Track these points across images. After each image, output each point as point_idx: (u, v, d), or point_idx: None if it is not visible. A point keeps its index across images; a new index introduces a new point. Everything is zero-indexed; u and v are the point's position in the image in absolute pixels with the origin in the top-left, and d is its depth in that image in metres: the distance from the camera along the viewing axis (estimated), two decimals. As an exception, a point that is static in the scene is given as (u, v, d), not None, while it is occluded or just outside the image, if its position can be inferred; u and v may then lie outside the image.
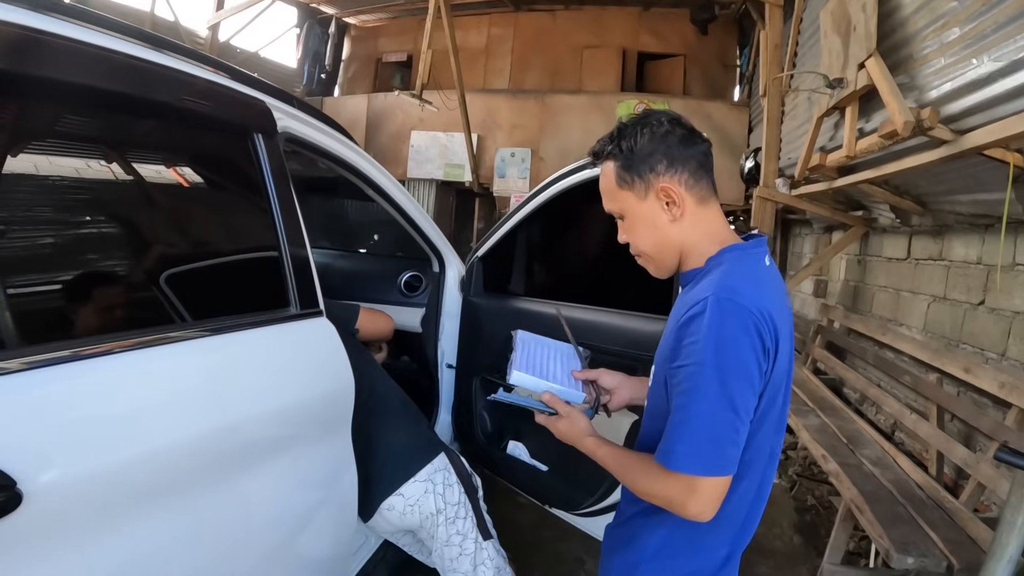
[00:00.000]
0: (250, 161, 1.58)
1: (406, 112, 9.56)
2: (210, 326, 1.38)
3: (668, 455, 1.06)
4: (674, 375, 1.09)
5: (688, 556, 1.21)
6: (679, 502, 1.08)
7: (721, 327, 1.03)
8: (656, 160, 1.16)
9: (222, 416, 1.33)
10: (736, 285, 1.08)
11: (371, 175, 2.28)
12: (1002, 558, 1.90)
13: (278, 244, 1.60)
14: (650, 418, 1.25)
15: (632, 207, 1.20)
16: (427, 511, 2.00)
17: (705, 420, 1.03)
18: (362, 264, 3.36)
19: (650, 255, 1.24)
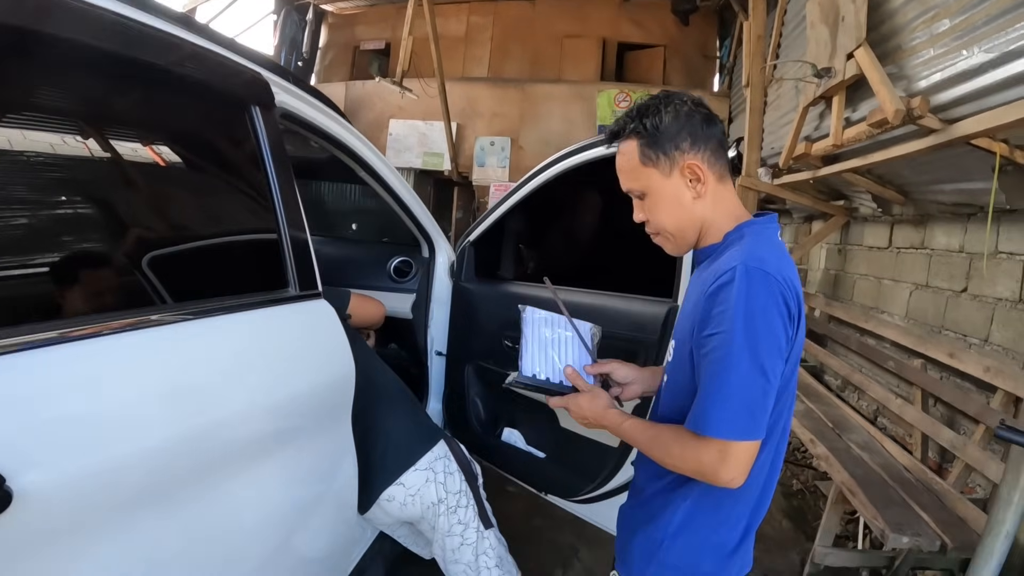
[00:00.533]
0: (247, 136, 1.53)
1: (384, 100, 9.47)
2: (206, 306, 1.31)
3: (702, 421, 1.09)
4: (704, 344, 1.11)
5: (711, 529, 1.24)
6: (712, 468, 1.09)
7: (751, 295, 1.06)
8: (682, 138, 1.19)
9: (222, 408, 1.28)
10: (763, 255, 1.11)
11: (366, 157, 2.25)
12: (999, 534, 1.95)
13: (277, 222, 1.56)
14: (670, 394, 1.29)
15: (656, 185, 1.22)
16: (428, 500, 1.97)
17: (738, 385, 1.06)
18: (349, 250, 3.30)
19: (671, 232, 1.26)
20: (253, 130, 1.53)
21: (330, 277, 2.46)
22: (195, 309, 1.28)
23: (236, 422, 1.32)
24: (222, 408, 1.28)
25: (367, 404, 1.92)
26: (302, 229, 1.63)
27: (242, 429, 1.34)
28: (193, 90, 1.40)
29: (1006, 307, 3.05)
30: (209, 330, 1.29)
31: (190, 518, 1.23)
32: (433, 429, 2.14)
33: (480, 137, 9.39)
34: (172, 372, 1.18)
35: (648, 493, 1.32)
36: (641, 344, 2.16)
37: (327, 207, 3.75)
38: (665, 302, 2.17)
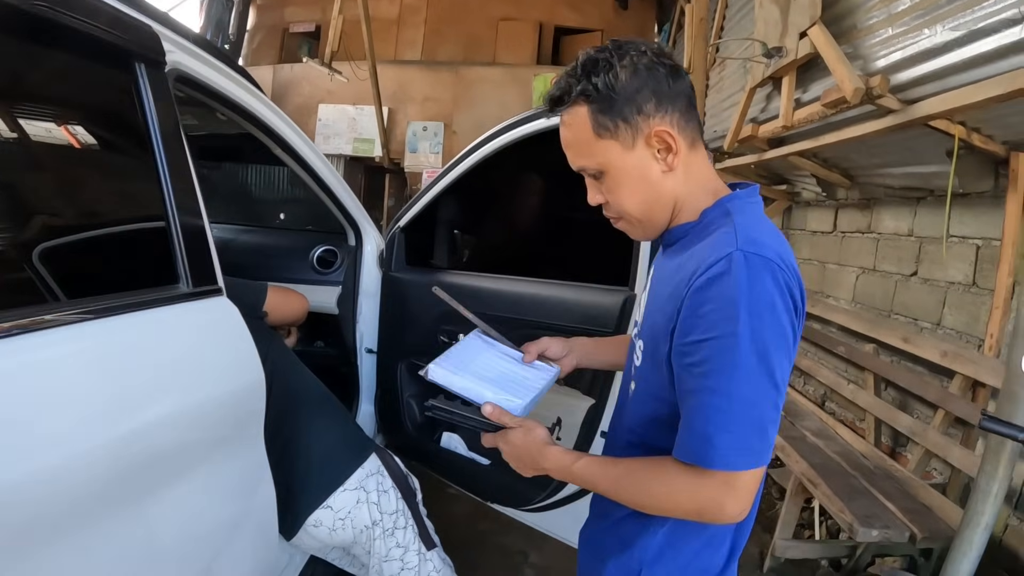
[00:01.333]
0: (128, 100, 1.25)
1: (313, 84, 9.09)
2: (65, 312, 1.04)
3: (704, 451, 0.87)
4: (692, 351, 0.89)
5: (693, 553, 1.05)
6: (715, 506, 0.90)
7: (753, 287, 0.85)
8: (644, 98, 0.95)
9: (86, 438, 1.01)
10: (758, 237, 0.90)
11: (282, 132, 1.99)
12: (978, 526, 1.90)
13: (164, 206, 1.28)
14: (640, 405, 1.08)
15: (615, 160, 0.98)
16: (361, 524, 1.74)
17: (746, 402, 0.86)
18: (267, 239, 3.02)
19: (637, 216, 1.03)
20: (136, 93, 1.25)
21: (248, 268, 2.18)
22: (49, 316, 1.00)
23: (104, 454, 1.04)
24: (86, 438, 1.01)
25: (284, 415, 1.68)
26: (197, 214, 1.35)
27: (115, 458, 1.07)
28: (56, 39, 1.12)
29: (959, 291, 3.03)
30: (70, 341, 1.02)
31: (74, 561, 1.00)
32: (363, 441, 1.90)
33: (412, 122, 9.12)
34: (21, 396, 0.92)
35: (618, 516, 1.11)
36: (583, 334, 1.99)
37: (251, 191, 3.46)
38: (620, 291, 1.98)
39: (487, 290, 2.28)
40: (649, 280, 1.15)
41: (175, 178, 1.30)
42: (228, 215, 3.27)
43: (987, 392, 2.66)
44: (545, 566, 2.78)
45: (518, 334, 2.15)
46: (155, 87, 1.28)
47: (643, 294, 1.17)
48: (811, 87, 3.34)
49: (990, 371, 2.57)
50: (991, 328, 2.66)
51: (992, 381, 2.56)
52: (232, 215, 3.38)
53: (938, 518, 2.40)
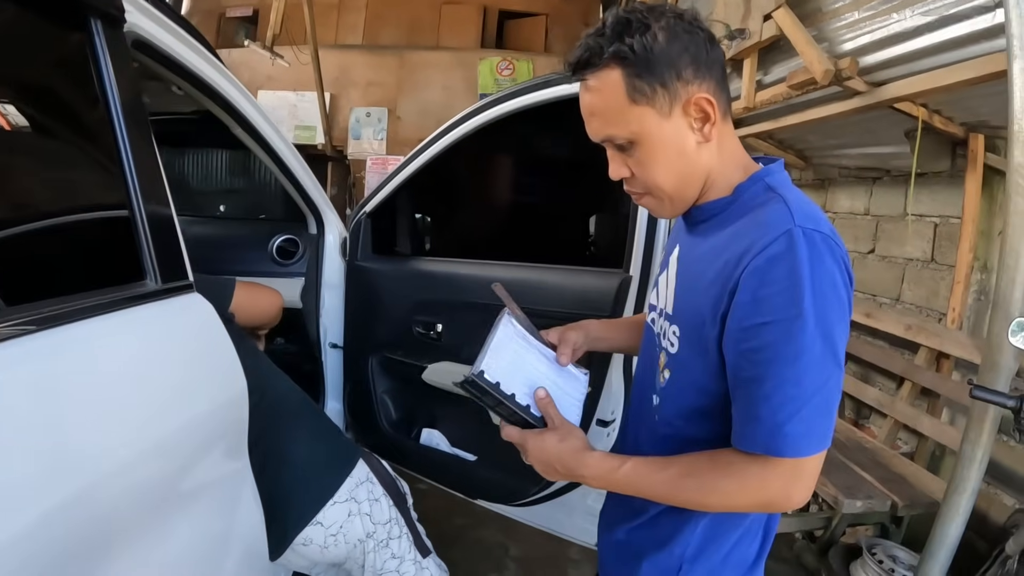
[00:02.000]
0: (84, 64, 1.05)
1: (252, 70, 8.73)
2: (12, 319, 0.82)
3: (776, 441, 0.83)
4: (753, 336, 0.84)
5: (732, 544, 1.01)
6: (783, 495, 0.86)
7: (815, 267, 0.81)
8: (684, 64, 0.88)
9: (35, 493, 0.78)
10: (814, 213, 0.87)
11: (245, 110, 1.85)
12: (965, 491, 1.96)
13: (128, 191, 1.10)
14: (677, 396, 1.01)
15: (651, 128, 0.91)
16: (354, 538, 1.61)
17: (815, 386, 0.82)
18: (221, 229, 2.86)
19: (668, 192, 0.96)
20: (93, 56, 1.05)
21: (203, 262, 2.03)
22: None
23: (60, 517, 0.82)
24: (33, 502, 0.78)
25: (264, 426, 1.49)
26: (164, 200, 1.18)
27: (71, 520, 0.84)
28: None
29: (917, 267, 3.16)
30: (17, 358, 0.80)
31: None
32: (349, 448, 1.75)
33: (355, 108, 8.87)
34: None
35: (652, 513, 1.05)
36: (563, 319, 1.93)
37: (203, 178, 3.30)
38: (615, 273, 1.91)
39: (464, 276, 2.20)
40: (672, 260, 1.07)
41: (139, 158, 1.12)
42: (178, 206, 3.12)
43: (951, 363, 2.78)
44: (527, 558, 2.76)
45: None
46: (114, 50, 1.09)
47: (661, 275, 1.10)
48: (772, 69, 3.39)
49: (954, 343, 2.69)
50: (953, 302, 2.78)
51: (957, 352, 2.68)
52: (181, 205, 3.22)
53: (912, 486, 2.50)
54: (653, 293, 1.14)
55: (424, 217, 3.05)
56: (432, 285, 2.24)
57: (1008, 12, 1.78)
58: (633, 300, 1.83)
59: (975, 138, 2.69)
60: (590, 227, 2.94)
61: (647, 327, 1.15)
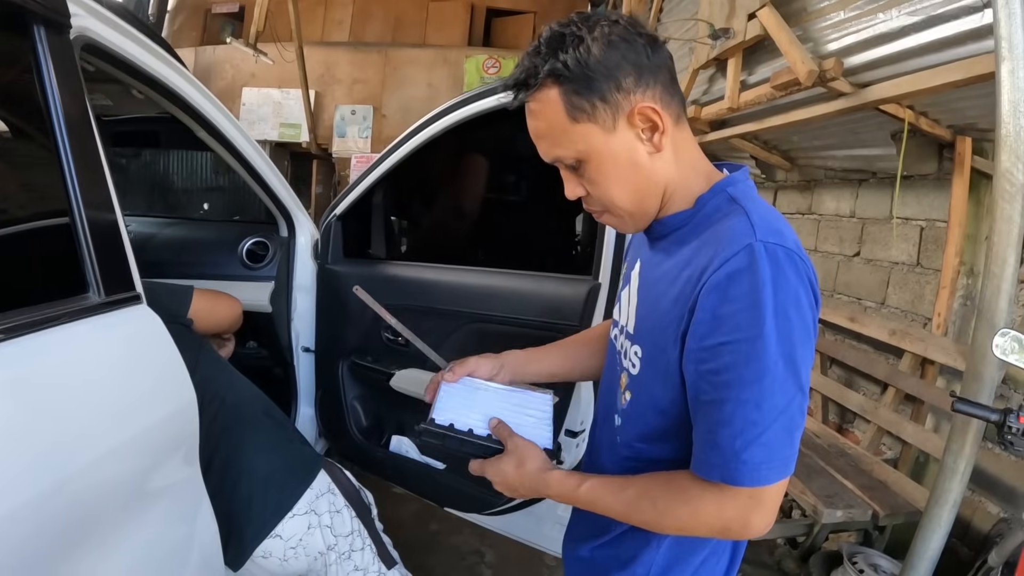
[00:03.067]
0: (24, 70, 1.04)
1: (236, 67, 8.67)
2: None
3: (733, 469, 0.79)
4: (712, 356, 0.80)
5: (699, 563, 0.98)
6: (740, 523, 0.82)
7: (778, 284, 0.76)
8: (623, 73, 0.83)
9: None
10: (777, 226, 0.81)
11: (207, 112, 1.79)
12: (946, 503, 1.93)
13: (68, 198, 1.06)
14: (638, 418, 0.97)
15: (597, 145, 0.86)
16: (314, 551, 1.56)
17: (775, 410, 0.77)
18: (190, 232, 2.77)
19: (627, 208, 0.91)
20: (35, 62, 1.03)
21: (170, 266, 1.96)
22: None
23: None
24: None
25: (220, 435, 1.48)
26: (109, 208, 1.13)
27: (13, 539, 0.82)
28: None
29: (903, 270, 3.12)
30: None
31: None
32: (309, 458, 1.69)
33: (340, 105, 8.82)
34: None
35: (616, 532, 1.02)
36: (559, 332, 1.83)
37: (171, 180, 3.23)
38: (584, 280, 1.85)
39: (433, 282, 2.15)
40: (634, 276, 1.03)
41: (81, 164, 1.08)
42: (145, 207, 3.04)
43: (935, 369, 2.74)
44: (502, 564, 2.71)
45: (470, 329, 2.07)
46: (57, 55, 1.06)
47: (623, 291, 1.07)
48: (757, 69, 3.36)
49: (939, 349, 2.65)
50: (938, 307, 2.75)
51: (941, 359, 2.64)
52: (150, 207, 3.14)
53: (895, 493, 2.47)
54: (616, 308, 1.10)
55: (399, 220, 2.99)
56: (400, 290, 2.19)
57: (997, 12, 1.74)
58: (603, 308, 1.78)
59: (962, 141, 2.65)
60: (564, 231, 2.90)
61: (611, 344, 1.11)
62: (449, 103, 1.99)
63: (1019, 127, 1.71)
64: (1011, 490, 2.41)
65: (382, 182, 2.25)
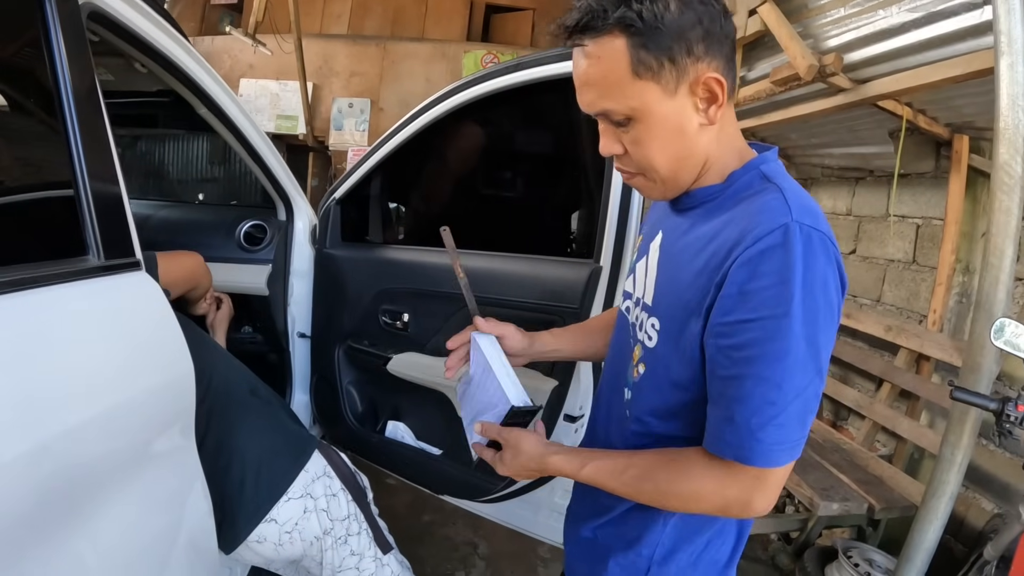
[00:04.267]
0: (33, 37, 1.03)
1: (234, 58, 8.62)
2: None
3: (747, 447, 0.78)
4: (735, 331, 0.78)
5: (704, 546, 0.97)
6: (742, 502, 0.82)
7: (809, 266, 0.75)
8: (695, 37, 0.79)
9: None
10: (813, 208, 0.80)
11: (210, 89, 1.77)
12: (943, 495, 1.94)
13: (71, 161, 1.05)
14: (652, 391, 0.94)
15: (652, 106, 0.82)
16: (310, 535, 1.53)
17: (794, 393, 0.76)
18: (188, 214, 2.76)
19: (663, 174, 0.88)
20: (43, 26, 1.01)
21: (166, 246, 1.92)
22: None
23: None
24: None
25: (212, 414, 1.45)
26: (111, 175, 1.13)
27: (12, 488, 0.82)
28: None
29: (898, 268, 3.13)
30: None
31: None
32: (303, 439, 1.66)
33: (337, 98, 8.78)
34: None
35: (620, 511, 1.01)
36: (557, 314, 1.86)
37: (163, 164, 3.22)
38: (585, 263, 1.84)
39: (431, 265, 2.14)
40: (653, 248, 1.00)
41: (85, 129, 1.07)
42: (143, 190, 3.03)
43: (931, 365, 2.75)
44: (495, 556, 2.71)
45: (464, 310, 2.06)
46: (66, 20, 1.04)
47: (639, 262, 1.04)
48: (757, 65, 3.36)
49: (935, 345, 2.66)
50: (934, 304, 2.76)
51: (937, 354, 2.65)
52: (148, 190, 3.13)
53: (890, 488, 2.47)
54: (629, 280, 1.07)
55: (397, 206, 2.98)
56: (398, 273, 2.19)
57: (996, 8, 1.74)
58: (603, 292, 1.77)
59: (960, 139, 2.66)
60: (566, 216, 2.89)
61: (620, 316, 1.09)
62: (450, 87, 1.99)
63: (1017, 120, 1.71)
64: (1005, 486, 2.42)
65: (381, 167, 2.24)
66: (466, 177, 2.82)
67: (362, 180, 2.30)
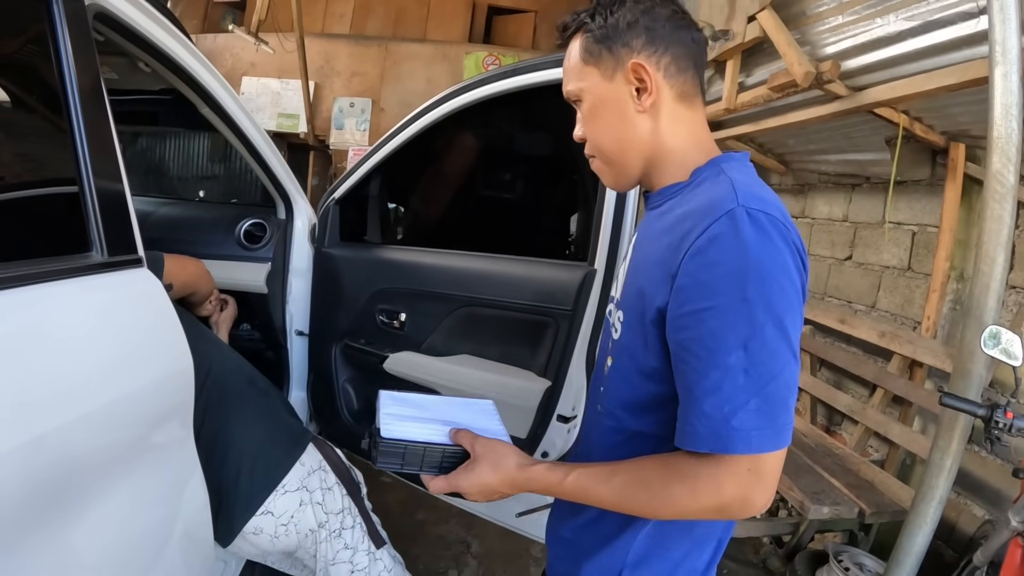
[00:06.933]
0: (39, 33, 1.05)
1: (236, 56, 8.63)
2: None
3: (724, 435, 0.76)
4: (695, 322, 0.78)
5: (682, 553, 0.95)
6: (741, 498, 0.78)
7: (763, 248, 0.76)
8: (634, 34, 0.92)
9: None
10: (760, 192, 0.82)
11: (213, 90, 1.79)
12: (932, 500, 1.95)
13: (76, 159, 1.06)
14: (621, 380, 0.96)
15: (594, 87, 0.95)
16: (305, 528, 1.56)
17: (766, 374, 0.75)
18: (188, 211, 2.76)
19: (609, 154, 0.98)
20: (50, 25, 1.02)
21: (166, 243, 1.92)
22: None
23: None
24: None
25: (208, 406, 1.45)
26: (115, 173, 1.15)
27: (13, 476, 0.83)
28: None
29: (894, 274, 3.15)
30: None
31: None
32: (297, 432, 1.68)
33: (339, 98, 8.79)
34: None
35: (594, 513, 0.99)
36: (550, 316, 1.88)
37: (164, 162, 3.24)
38: (579, 266, 1.86)
39: (428, 265, 2.17)
40: (630, 250, 1.05)
41: (89, 127, 1.08)
42: (144, 187, 3.04)
43: (924, 371, 2.77)
44: (487, 554, 2.72)
45: (464, 312, 2.08)
46: (72, 20, 1.06)
47: (620, 267, 1.07)
48: (755, 72, 3.39)
49: (928, 351, 2.68)
50: (928, 311, 2.78)
51: (930, 361, 2.67)
52: (149, 187, 3.15)
53: (881, 493, 2.49)
54: (614, 285, 1.09)
55: (396, 207, 2.99)
56: (396, 274, 2.21)
57: (992, 18, 1.76)
58: (597, 294, 1.79)
59: (956, 147, 2.68)
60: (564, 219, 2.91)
61: (605, 321, 1.11)
62: (449, 90, 2.00)
63: (1010, 130, 1.73)
64: (996, 493, 2.43)
65: (381, 168, 2.25)
66: (465, 179, 2.84)
67: (362, 180, 2.32)
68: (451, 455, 0.99)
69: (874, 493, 2.48)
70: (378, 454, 0.98)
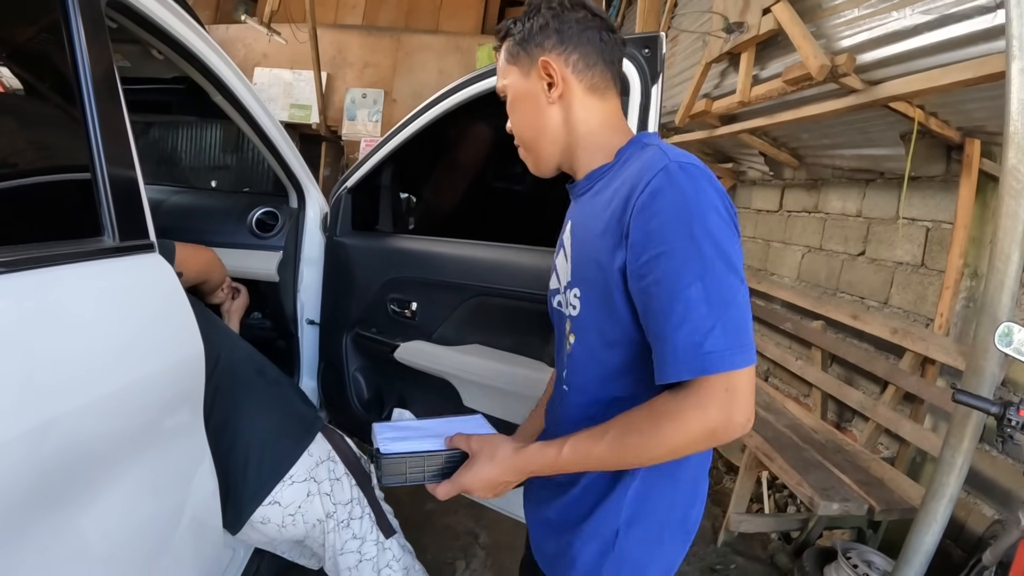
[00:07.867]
0: (53, 22, 1.05)
1: (248, 46, 8.66)
2: None
3: (698, 358, 0.82)
4: (652, 268, 0.86)
5: (669, 506, 1.02)
6: (724, 417, 0.83)
7: (696, 192, 0.87)
8: (545, 36, 1.07)
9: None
10: (688, 155, 0.93)
11: (226, 78, 1.80)
12: (943, 497, 1.94)
13: (89, 144, 1.07)
14: (588, 355, 1.03)
15: (514, 84, 1.12)
16: (313, 518, 1.57)
17: (724, 301, 0.84)
18: (201, 200, 2.78)
19: (527, 142, 1.13)
20: (64, 16, 1.04)
21: (179, 231, 1.94)
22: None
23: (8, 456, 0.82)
24: None
25: (216, 394, 1.46)
26: (127, 158, 1.15)
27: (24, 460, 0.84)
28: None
29: (907, 271, 3.12)
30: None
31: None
32: (307, 420, 1.69)
33: (351, 88, 8.82)
34: None
35: (580, 486, 1.04)
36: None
37: (184, 149, 3.25)
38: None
39: (440, 255, 2.17)
40: (566, 238, 1.13)
41: (102, 113, 1.09)
42: (156, 176, 3.06)
43: (936, 369, 2.75)
44: (496, 545, 2.73)
45: (476, 301, 2.08)
46: (86, 10, 1.07)
47: (557, 258, 1.16)
48: (769, 64, 3.36)
49: (940, 349, 2.66)
50: (941, 308, 2.75)
51: (942, 358, 2.65)
52: (162, 176, 3.17)
53: (891, 490, 2.47)
54: (553, 279, 1.17)
55: (408, 196, 2.99)
56: (408, 263, 2.21)
57: (1009, 12, 1.74)
58: None
59: (971, 143, 2.65)
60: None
61: (554, 314, 1.18)
62: (462, 79, 2.00)
63: (1028, 125, 1.71)
64: (1007, 492, 2.42)
65: (393, 157, 2.26)
66: (477, 169, 2.83)
67: (374, 170, 2.32)
68: (451, 459, 1.05)
69: (884, 490, 2.47)
70: (382, 472, 1.04)
